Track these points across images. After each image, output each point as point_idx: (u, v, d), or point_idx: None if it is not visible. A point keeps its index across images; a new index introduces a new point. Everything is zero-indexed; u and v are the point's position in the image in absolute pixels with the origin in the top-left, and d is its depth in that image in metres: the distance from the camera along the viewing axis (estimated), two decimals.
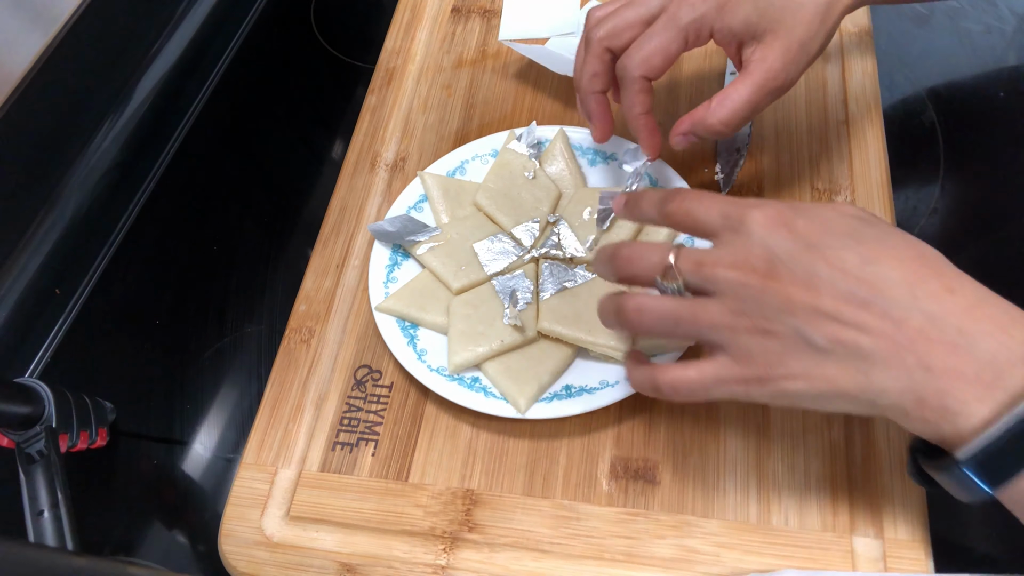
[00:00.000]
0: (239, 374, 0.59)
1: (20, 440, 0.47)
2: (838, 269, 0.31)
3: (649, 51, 0.43)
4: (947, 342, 0.30)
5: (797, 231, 0.32)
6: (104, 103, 0.69)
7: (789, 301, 0.31)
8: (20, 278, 0.62)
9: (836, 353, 0.31)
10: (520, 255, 0.51)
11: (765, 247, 0.32)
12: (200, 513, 0.54)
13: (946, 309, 0.30)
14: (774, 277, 0.32)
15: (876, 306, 0.31)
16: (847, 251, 0.32)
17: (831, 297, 0.31)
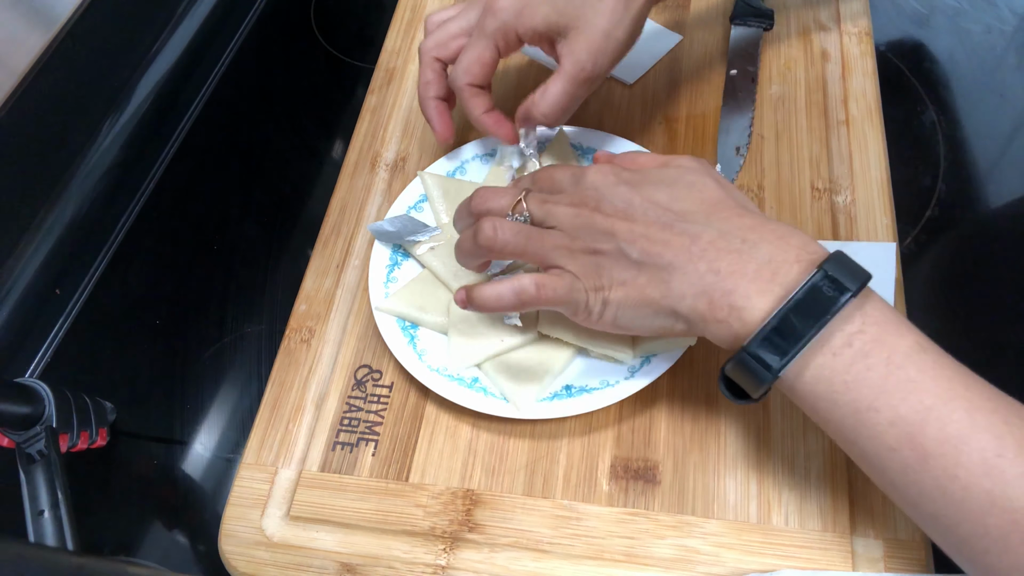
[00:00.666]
0: (239, 374, 0.59)
1: (20, 440, 0.47)
2: (650, 202, 0.39)
3: (468, 62, 0.48)
4: (732, 250, 0.36)
5: (621, 178, 0.40)
6: (104, 103, 0.69)
7: (612, 226, 0.38)
8: (20, 278, 0.62)
9: (647, 265, 0.37)
10: None
11: (595, 188, 0.40)
12: (200, 513, 0.54)
13: (734, 225, 0.37)
14: (600, 210, 0.39)
15: (677, 227, 0.37)
16: (658, 191, 0.39)
17: (643, 223, 0.38)
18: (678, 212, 0.38)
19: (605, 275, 0.39)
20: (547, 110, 0.47)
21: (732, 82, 0.60)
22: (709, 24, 0.64)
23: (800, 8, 0.63)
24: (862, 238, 0.51)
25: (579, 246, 0.39)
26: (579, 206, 0.40)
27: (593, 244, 0.39)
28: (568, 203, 0.40)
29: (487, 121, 0.51)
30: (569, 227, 0.40)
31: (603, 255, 0.39)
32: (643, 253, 0.37)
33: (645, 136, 0.59)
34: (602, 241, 0.38)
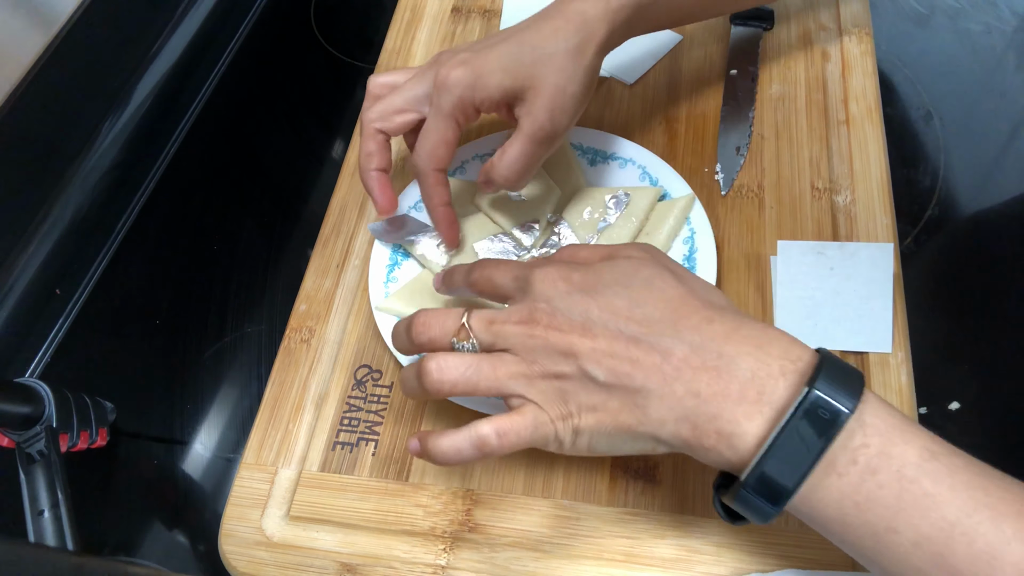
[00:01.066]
0: (239, 374, 0.59)
1: (20, 440, 0.47)
2: (609, 312, 0.35)
3: (432, 146, 0.45)
4: (709, 367, 0.33)
5: (573, 284, 0.36)
6: (104, 103, 0.69)
7: (571, 345, 0.35)
8: (20, 278, 0.62)
9: (617, 388, 0.34)
10: (520, 255, 0.51)
11: (546, 300, 0.36)
12: (200, 513, 0.54)
13: (706, 337, 0.33)
14: (555, 327, 0.35)
15: (644, 342, 0.34)
16: (616, 297, 0.35)
17: (605, 338, 0.34)
18: (641, 320, 0.34)
19: (572, 401, 0.35)
20: (507, 173, 0.45)
21: (732, 82, 0.60)
22: (709, 24, 0.64)
23: (800, 8, 0.63)
24: (862, 238, 0.51)
25: (537, 371, 0.35)
26: (530, 323, 0.36)
27: (553, 368, 0.35)
28: (518, 320, 0.36)
29: (441, 215, 0.48)
30: (523, 349, 0.36)
31: (566, 379, 0.35)
32: (610, 374, 0.34)
33: (645, 136, 0.59)
34: (562, 363, 0.35)
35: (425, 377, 0.37)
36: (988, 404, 0.52)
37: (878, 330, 0.48)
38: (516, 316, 0.36)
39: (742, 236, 0.53)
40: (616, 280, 0.36)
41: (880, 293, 0.49)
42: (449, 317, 0.38)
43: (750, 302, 0.50)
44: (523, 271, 0.38)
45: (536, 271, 0.37)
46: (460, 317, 0.37)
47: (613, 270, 0.37)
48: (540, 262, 0.38)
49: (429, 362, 0.37)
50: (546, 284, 0.36)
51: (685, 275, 0.37)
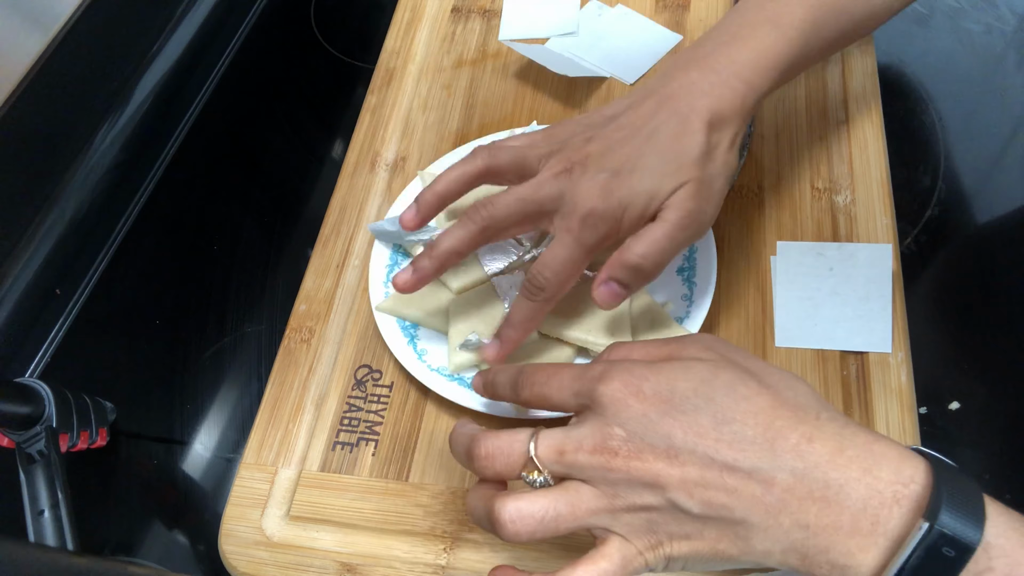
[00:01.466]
0: (239, 374, 0.59)
1: (20, 440, 0.47)
2: (694, 434, 0.31)
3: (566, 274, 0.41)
4: (817, 497, 0.30)
5: (646, 399, 0.32)
6: (104, 103, 0.69)
7: (656, 476, 0.31)
8: (20, 278, 0.62)
9: (713, 519, 0.31)
10: (520, 255, 0.51)
11: (620, 424, 0.32)
12: (200, 513, 0.54)
13: (809, 462, 0.30)
14: (636, 456, 0.32)
15: (740, 469, 0.31)
16: (699, 413, 0.32)
17: (693, 465, 0.31)
18: (732, 442, 0.31)
19: (661, 531, 0.32)
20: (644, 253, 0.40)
21: None
22: (709, 24, 0.64)
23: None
24: (862, 238, 0.51)
25: (620, 505, 0.32)
26: (606, 453, 0.32)
27: (638, 500, 0.32)
28: (592, 449, 0.32)
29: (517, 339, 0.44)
30: (602, 483, 0.32)
31: (653, 510, 0.32)
32: (705, 506, 0.31)
33: None
34: (648, 495, 0.32)
35: (500, 529, 0.33)
36: (988, 404, 0.52)
37: (878, 330, 0.48)
38: (589, 444, 0.32)
39: (742, 236, 0.53)
40: (695, 391, 0.32)
41: (879, 294, 0.49)
42: (514, 447, 0.34)
43: (750, 302, 0.50)
44: (583, 384, 0.34)
45: (600, 387, 0.33)
46: (526, 445, 0.34)
47: (688, 376, 0.33)
48: (600, 369, 0.34)
49: (502, 512, 0.33)
50: (617, 404, 0.32)
51: (762, 371, 0.33)
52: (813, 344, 0.48)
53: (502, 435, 0.34)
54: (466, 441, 0.36)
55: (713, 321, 0.50)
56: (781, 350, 0.48)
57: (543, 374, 0.36)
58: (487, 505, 0.34)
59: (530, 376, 0.37)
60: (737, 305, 0.50)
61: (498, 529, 0.33)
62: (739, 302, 0.50)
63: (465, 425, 0.37)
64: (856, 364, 0.47)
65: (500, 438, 0.34)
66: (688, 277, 0.49)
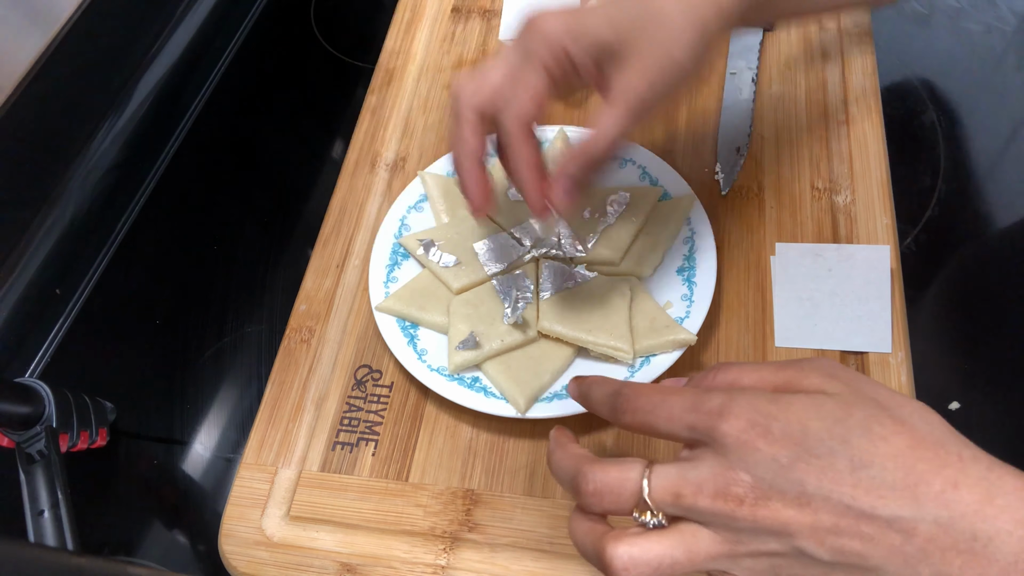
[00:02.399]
0: (239, 374, 0.59)
1: (20, 440, 0.47)
2: (829, 480, 0.29)
3: (521, 97, 0.39)
4: (962, 549, 0.28)
5: (775, 441, 0.29)
6: (104, 103, 0.69)
7: (785, 525, 0.29)
8: (20, 278, 0.62)
9: (844, 565, 0.29)
10: (520, 255, 0.51)
11: (746, 469, 0.29)
12: (200, 513, 0.54)
13: (955, 511, 0.28)
14: (764, 504, 0.29)
15: (878, 517, 0.28)
16: (835, 457, 0.29)
17: (827, 512, 0.29)
18: (870, 488, 0.28)
19: (784, 573, 0.30)
20: (596, 144, 0.38)
21: (732, 82, 0.60)
22: None
23: None
24: (862, 238, 0.51)
25: (743, 551, 0.30)
26: (730, 500, 0.29)
27: (762, 547, 0.30)
28: (714, 494, 0.30)
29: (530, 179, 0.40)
30: (723, 528, 0.30)
31: (778, 556, 0.30)
32: (836, 553, 0.29)
33: (645, 136, 0.58)
34: (773, 542, 0.30)
35: (611, 572, 0.31)
36: (988, 404, 0.52)
37: (877, 330, 0.48)
38: (710, 488, 0.30)
39: (742, 236, 0.53)
40: (828, 432, 0.29)
41: (878, 294, 0.49)
42: (625, 486, 0.31)
43: (750, 302, 0.50)
44: (699, 419, 0.31)
45: (723, 425, 0.30)
46: (639, 484, 0.31)
47: (820, 415, 0.30)
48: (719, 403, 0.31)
49: (615, 559, 0.31)
50: (743, 447, 0.29)
51: (893, 403, 0.30)
52: (813, 344, 0.48)
53: (611, 470, 0.32)
54: (570, 468, 0.33)
55: (713, 321, 0.50)
56: (781, 350, 0.48)
57: (648, 400, 0.33)
58: (597, 546, 0.32)
59: (632, 400, 0.33)
60: (737, 305, 0.50)
61: (610, 574, 0.31)
62: (739, 302, 0.50)
63: (566, 445, 0.35)
64: (856, 364, 0.47)
65: (609, 474, 0.32)
66: (688, 277, 0.49)
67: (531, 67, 0.39)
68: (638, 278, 0.50)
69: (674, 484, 0.31)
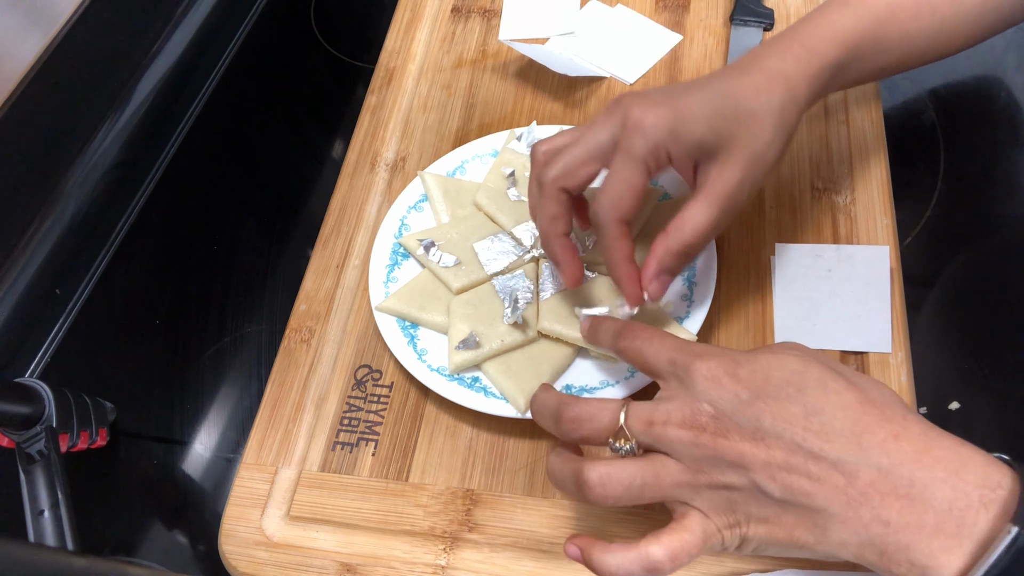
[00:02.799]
0: (239, 374, 0.59)
1: (20, 440, 0.47)
2: (783, 420, 0.32)
3: (618, 192, 0.40)
4: (901, 495, 0.30)
5: (739, 381, 0.33)
6: (104, 103, 0.69)
7: (741, 456, 0.32)
8: (20, 278, 0.62)
9: (793, 504, 0.31)
10: (520, 255, 0.51)
11: (711, 402, 0.33)
12: (200, 513, 0.54)
13: (895, 459, 0.30)
14: (723, 434, 0.32)
15: (825, 459, 0.31)
16: (791, 402, 0.32)
17: (779, 449, 0.31)
18: (820, 432, 0.31)
19: (740, 510, 0.33)
20: (693, 239, 0.39)
21: None
22: (709, 24, 0.64)
23: (800, 8, 0.63)
24: (862, 238, 0.51)
25: (704, 480, 0.33)
26: (695, 429, 0.33)
27: (721, 478, 0.33)
28: (680, 422, 0.33)
29: (626, 274, 0.41)
30: (687, 458, 0.33)
31: (734, 489, 0.33)
32: (786, 490, 0.31)
33: None
34: (731, 474, 0.32)
35: (587, 491, 0.34)
36: (988, 404, 0.52)
37: (877, 331, 0.48)
38: (677, 416, 0.33)
39: (742, 236, 0.53)
40: (787, 381, 0.33)
41: (877, 294, 0.49)
42: (604, 414, 0.35)
43: (750, 302, 0.50)
44: (680, 356, 0.35)
45: (697, 362, 0.34)
46: (616, 414, 0.35)
47: (782, 367, 0.33)
48: (701, 348, 0.35)
49: (590, 474, 0.34)
50: (710, 382, 0.33)
51: (850, 373, 0.34)
52: (813, 344, 0.48)
53: (592, 402, 0.36)
54: (553, 404, 0.37)
55: (713, 321, 0.50)
56: None
57: (647, 333, 0.37)
58: (574, 468, 0.35)
59: (633, 331, 0.38)
60: (737, 305, 0.50)
61: (585, 491, 0.34)
62: (739, 302, 0.50)
63: (551, 390, 0.39)
64: (856, 364, 0.47)
65: (590, 404, 0.36)
66: (688, 277, 0.49)
67: (632, 165, 0.39)
68: None
69: (647, 414, 0.34)
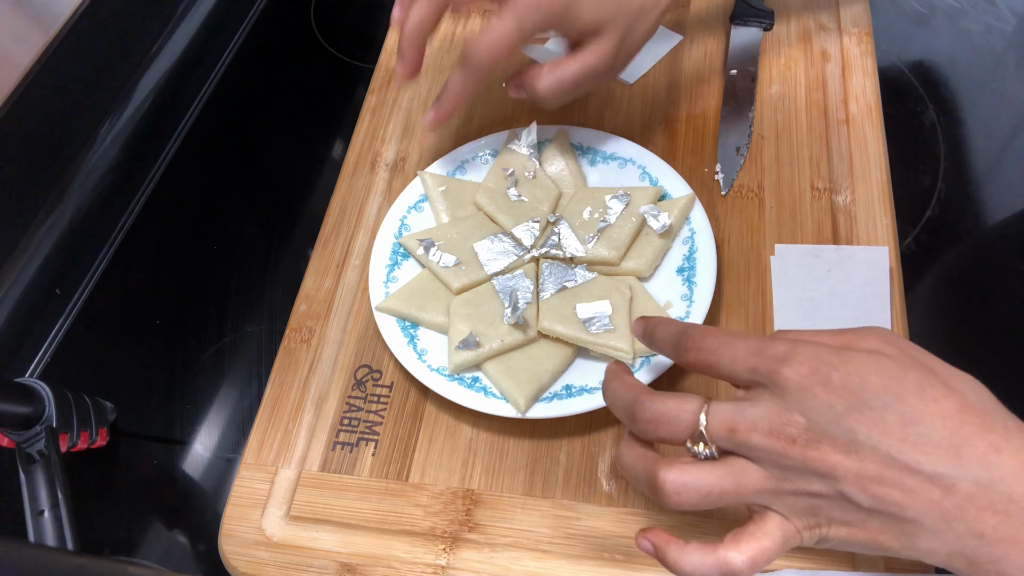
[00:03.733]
0: (239, 374, 0.59)
1: (20, 440, 0.47)
2: (879, 432, 0.30)
3: (495, 43, 0.45)
4: (998, 510, 0.29)
5: (833, 389, 0.31)
6: (104, 103, 0.69)
7: (833, 469, 0.31)
8: (20, 278, 0.62)
9: (880, 513, 0.31)
10: (520, 255, 0.51)
11: (802, 412, 0.31)
12: (200, 513, 0.54)
13: (995, 474, 0.29)
14: (814, 446, 0.31)
15: (921, 472, 0.30)
16: (887, 411, 0.30)
17: (873, 461, 0.30)
18: (917, 443, 0.30)
19: (822, 515, 0.32)
20: (551, 86, 0.47)
21: (732, 82, 0.60)
22: (709, 24, 0.64)
23: (800, 8, 0.63)
24: (862, 238, 0.51)
25: (788, 488, 0.32)
26: (783, 439, 0.31)
27: (806, 487, 0.31)
28: (767, 431, 0.31)
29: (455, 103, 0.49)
30: (772, 465, 0.32)
31: (819, 496, 0.31)
32: (876, 501, 0.30)
33: (645, 136, 0.59)
34: (817, 483, 0.31)
35: (663, 497, 0.33)
36: None
37: None
38: (765, 425, 0.31)
39: (742, 236, 0.53)
40: (884, 387, 0.31)
41: (877, 295, 0.49)
42: (683, 416, 0.33)
43: (750, 302, 0.50)
44: (762, 362, 0.32)
45: (785, 369, 0.31)
46: (696, 416, 0.33)
47: (879, 371, 0.31)
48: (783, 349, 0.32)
49: (666, 478, 0.33)
50: (802, 391, 0.31)
51: (946, 373, 0.32)
52: None
53: (669, 400, 0.34)
54: (628, 396, 0.35)
55: (713, 321, 0.50)
56: None
57: (714, 340, 0.34)
58: (649, 469, 0.34)
59: (697, 339, 0.35)
60: (737, 305, 0.50)
61: (661, 496, 0.33)
62: (739, 302, 0.50)
63: (623, 376, 0.37)
64: None
65: (667, 403, 0.34)
66: (688, 277, 0.49)
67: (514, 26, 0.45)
68: (638, 278, 0.50)
69: (730, 419, 0.32)
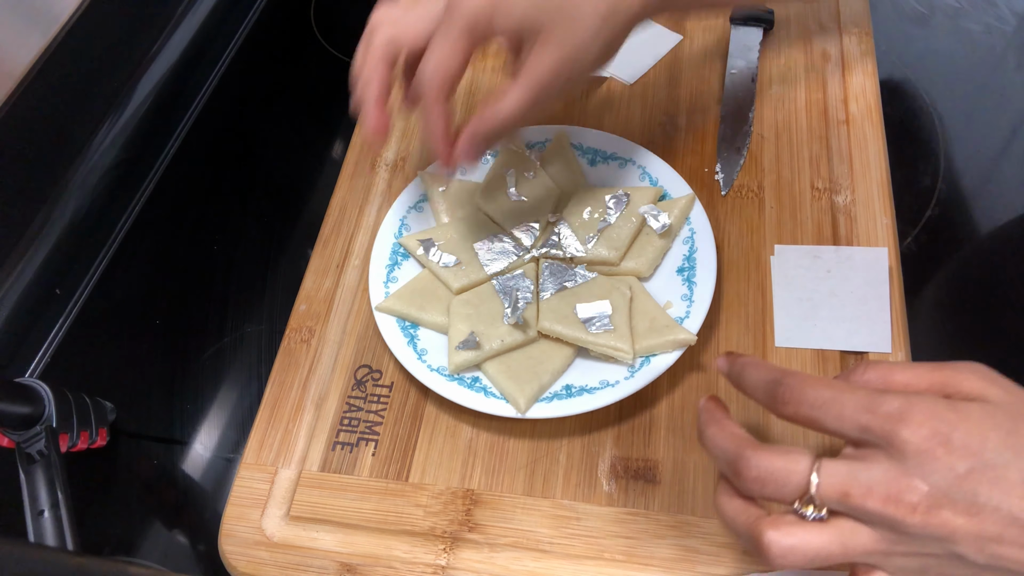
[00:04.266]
0: (239, 374, 0.59)
1: (20, 440, 0.47)
2: (1001, 491, 0.29)
3: (438, 59, 0.41)
4: None
5: (954, 451, 0.29)
6: (104, 103, 0.69)
7: (952, 532, 0.29)
8: (20, 278, 0.62)
9: (996, 568, 0.30)
10: (520, 255, 0.51)
11: (923, 477, 0.29)
12: (200, 513, 0.54)
13: None
14: (935, 512, 0.29)
15: None
16: (1008, 468, 0.29)
17: (994, 522, 0.29)
18: None
19: (932, 571, 0.31)
20: (503, 118, 0.41)
21: (732, 82, 0.60)
22: (709, 24, 0.64)
23: (800, 8, 0.63)
24: (862, 238, 0.51)
25: (900, 551, 0.30)
26: (903, 506, 0.29)
27: (920, 549, 0.30)
28: (885, 498, 0.29)
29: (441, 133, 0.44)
30: (886, 529, 0.30)
31: (931, 557, 0.30)
32: (992, 559, 0.29)
33: (645, 136, 0.58)
34: (933, 546, 0.30)
35: (768, 558, 0.31)
36: None
37: (877, 331, 0.48)
38: (882, 492, 0.29)
39: (742, 236, 0.53)
40: (1004, 444, 0.29)
41: (877, 295, 0.49)
42: (791, 477, 0.31)
43: (750, 302, 0.50)
44: (875, 421, 0.30)
45: (902, 430, 0.29)
46: (806, 477, 0.30)
47: (997, 426, 0.29)
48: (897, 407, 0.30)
49: (773, 545, 0.31)
50: (923, 455, 0.29)
51: None
52: (813, 344, 0.48)
53: (776, 459, 0.31)
54: (730, 449, 0.33)
55: (713, 321, 0.50)
56: (781, 350, 0.48)
57: (816, 394, 0.31)
58: (752, 528, 0.32)
59: (797, 392, 0.32)
60: (737, 305, 0.50)
61: (766, 558, 0.31)
62: (739, 302, 0.50)
63: (722, 422, 0.34)
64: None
65: (775, 462, 0.31)
66: (688, 277, 0.49)
67: (451, 39, 0.41)
68: (638, 278, 0.50)
69: (844, 483, 0.30)
